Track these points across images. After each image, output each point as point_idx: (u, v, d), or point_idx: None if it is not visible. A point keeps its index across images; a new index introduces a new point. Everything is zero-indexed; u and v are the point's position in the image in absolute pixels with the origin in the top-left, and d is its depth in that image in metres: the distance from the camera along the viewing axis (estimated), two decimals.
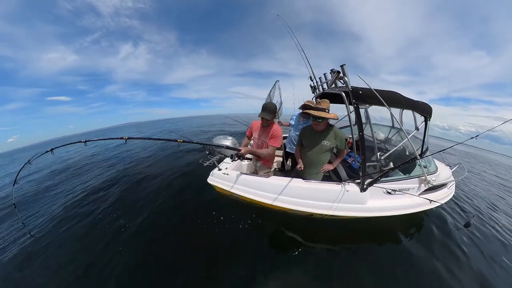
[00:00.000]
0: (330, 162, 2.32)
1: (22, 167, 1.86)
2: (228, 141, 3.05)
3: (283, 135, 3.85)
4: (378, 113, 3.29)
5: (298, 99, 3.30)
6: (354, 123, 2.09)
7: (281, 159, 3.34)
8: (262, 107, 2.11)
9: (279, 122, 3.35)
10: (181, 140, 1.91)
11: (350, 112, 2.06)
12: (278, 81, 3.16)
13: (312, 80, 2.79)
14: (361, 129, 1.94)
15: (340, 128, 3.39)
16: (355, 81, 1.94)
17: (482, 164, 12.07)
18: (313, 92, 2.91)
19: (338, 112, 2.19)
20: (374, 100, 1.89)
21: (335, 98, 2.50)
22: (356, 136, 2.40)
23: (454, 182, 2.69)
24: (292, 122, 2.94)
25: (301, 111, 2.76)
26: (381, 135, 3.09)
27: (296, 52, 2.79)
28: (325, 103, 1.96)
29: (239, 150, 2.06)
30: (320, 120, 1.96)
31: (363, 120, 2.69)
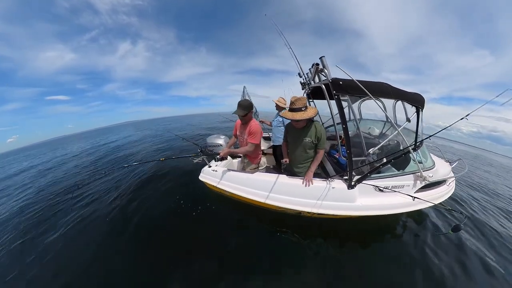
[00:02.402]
0: None
1: None
2: (221, 140, 3.12)
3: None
4: (376, 110, 3.17)
5: (288, 95, 3.33)
6: (338, 122, 2.03)
7: (271, 156, 3.33)
8: (237, 105, 2.13)
9: (260, 121, 3.51)
10: (163, 158, 2.22)
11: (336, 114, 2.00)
12: (245, 86, 3.52)
13: (301, 77, 2.76)
14: (344, 122, 1.87)
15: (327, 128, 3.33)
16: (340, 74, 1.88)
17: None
18: (303, 89, 2.88)
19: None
20: (356, 91, 1.82)
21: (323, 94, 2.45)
22: (340, 132, 2.31)
23: (454, 179, 2.50)
24: (273, 118, 3.24)
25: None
26: (376, 131, 2.96)
27: (296, 49, 2.81)
28: (300, 101, 1.85)
29: (219, 154, 2.20)
30: (297, 120, 1.88)
31: (351, 117, 2.60)
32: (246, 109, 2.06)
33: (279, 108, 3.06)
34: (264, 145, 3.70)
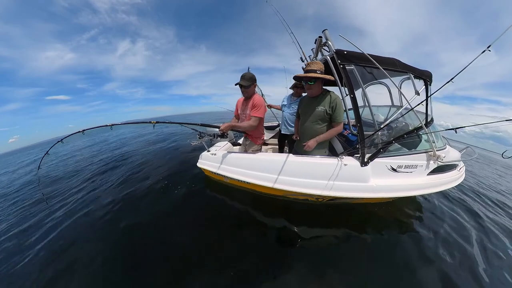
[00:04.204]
0: None
1: (54, 145, 1.92)
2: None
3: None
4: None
5: (290, 84, 3.24)
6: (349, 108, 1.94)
7: (277, 147, 3.15)
8: (240, 77, 2.01)
9: (268, 105, 3.20)
10: (154, 122, 1.84)
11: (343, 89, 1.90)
12: (249, 67, 3.16)
13: (303, 61, 2.74)
14: (352, 92, 1.78)
15: None
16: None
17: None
18: None
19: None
20: (361, 61, 1.77)
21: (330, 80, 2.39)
22: (352, 120, 2.23)
23: (464, 165, 2.41)
24: (285, 102, 2.79)
25: (292, 91, 2.70)
26: (381, 117, 2.88)
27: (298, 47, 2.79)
28: (315, 64, 1.77)
29: (219, 127, 1.95)
30: (311, 83, 1.77)
31: (361, 103, 2.54)
32: (250, 80, 1.96)
33: (297, 92, 2.60)
34: (266, 135, 3.54)
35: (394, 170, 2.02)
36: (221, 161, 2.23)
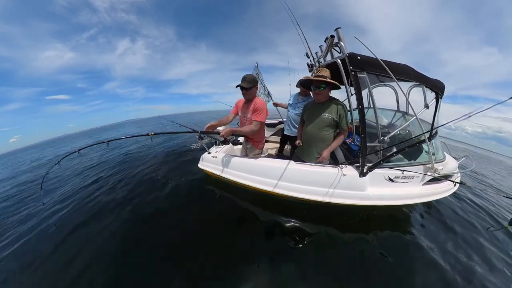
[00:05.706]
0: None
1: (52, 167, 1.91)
2: (221, 128, 2.89)
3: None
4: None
5: (294, 80, 3.04)
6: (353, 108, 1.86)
7: (278, 145, 3.10)
8: (241, 79, 1.90)
9: (274, 103, 3.05)
10: (152, 134, 1.80)
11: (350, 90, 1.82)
12: (257, 62, 2.86)
13: (308, 57, 2.56)
14: (360, 101, 1.69)
15: None
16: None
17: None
18: (310, 71, 2.67)
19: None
20: (374, 68, 1.64)
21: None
22: (356, 121, 2.17)
23: (459, 175, 2.44)
24: (291, 101, 2.61)
25: (299, 90, 2.55)
26: (385, 121, 2.83)
27: (298, 46, 2.61)
28: (324, 71, 1.74)
29: (219, 133, 1.87)
30: (321, 89, 1.74)
31: (366, 104, 2.44)
32: (251, 82, 1.85)
33: (304, 91, 2.43)
34: (267, 132, 3.47)
35: (391, 180, 2.04)
36: (222, 164, 2.20)
